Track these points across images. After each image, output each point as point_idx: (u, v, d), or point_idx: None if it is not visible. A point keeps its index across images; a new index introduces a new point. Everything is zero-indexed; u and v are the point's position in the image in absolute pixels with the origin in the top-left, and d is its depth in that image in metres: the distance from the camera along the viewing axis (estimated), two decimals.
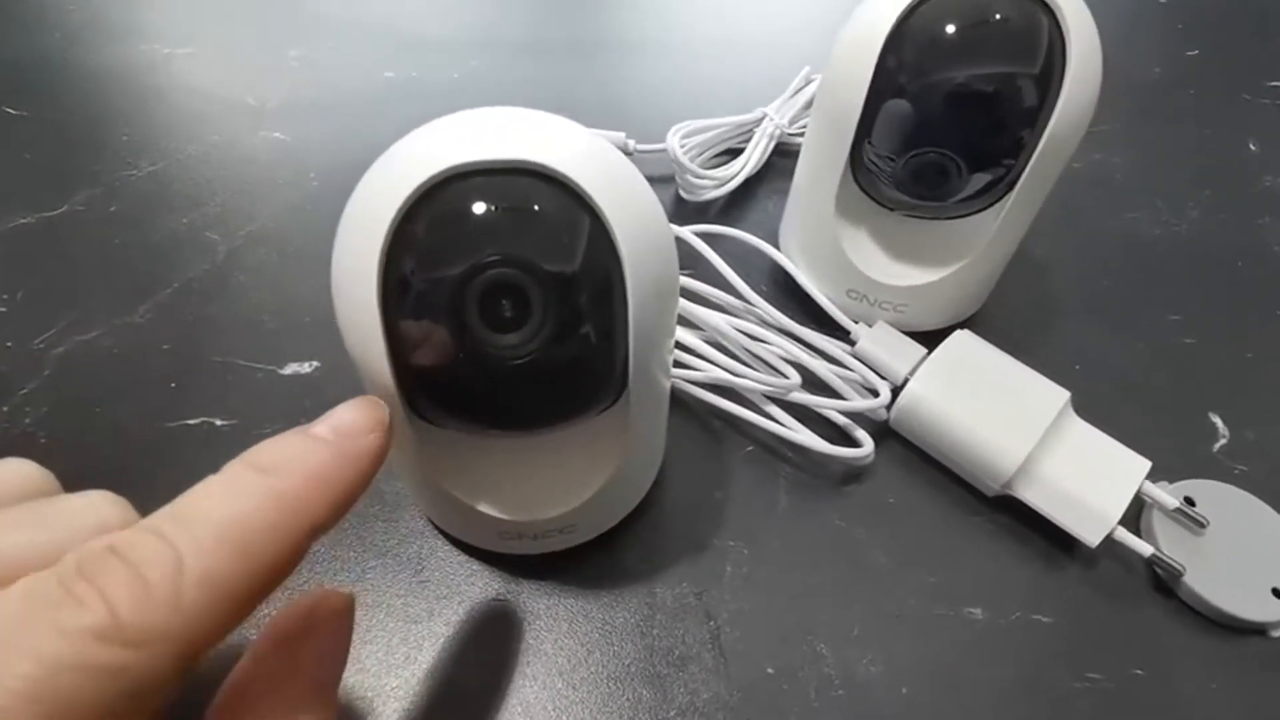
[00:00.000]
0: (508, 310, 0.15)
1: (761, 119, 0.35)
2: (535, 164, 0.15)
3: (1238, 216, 0.35)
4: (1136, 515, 0.25)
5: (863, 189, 0.26)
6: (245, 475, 0.13)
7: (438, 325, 0.15)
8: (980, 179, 0.23)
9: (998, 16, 0.21)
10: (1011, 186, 0.23)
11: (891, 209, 0.26)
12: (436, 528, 0.23)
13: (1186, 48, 0.44)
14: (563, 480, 0.20)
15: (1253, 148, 0.38)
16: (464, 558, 0.23)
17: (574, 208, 0.16)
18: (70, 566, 0.12)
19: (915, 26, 0.22)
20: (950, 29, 0.22)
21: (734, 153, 0.35)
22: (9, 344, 0.27)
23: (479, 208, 0.15)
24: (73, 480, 0.24)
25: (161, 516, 0.13)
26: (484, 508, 0.20)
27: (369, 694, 0.20)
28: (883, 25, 0.22)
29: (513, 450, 0.20)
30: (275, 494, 0.13)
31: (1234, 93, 0.42)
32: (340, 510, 0.14)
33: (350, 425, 0.15)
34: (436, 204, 0.15)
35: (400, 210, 0.15)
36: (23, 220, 0.31)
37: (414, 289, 0.15)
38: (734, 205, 0.34)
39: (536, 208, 0.16)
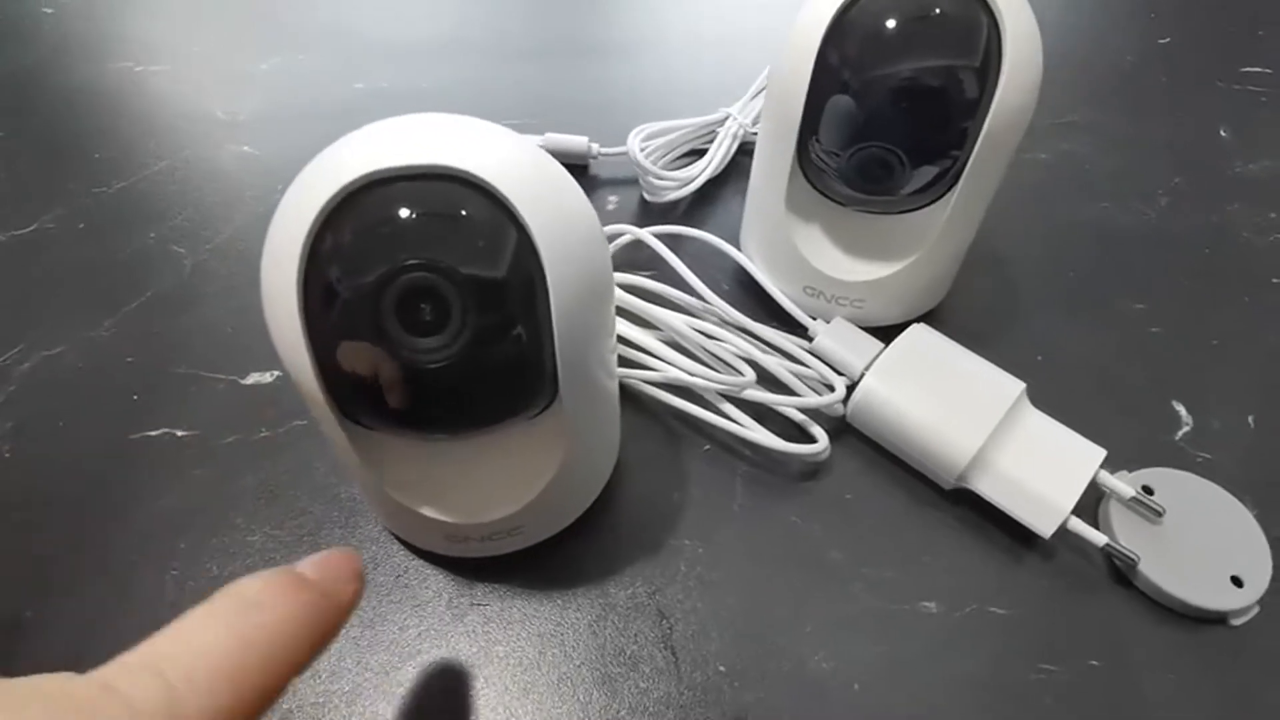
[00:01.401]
0: (426, 314, 0.15)
1: (725, 119, 0.35)
2: (453, 169, 0.15)
3: (1208, 204, 0.35)
4: (1095, 505, 0.24)
5: (813, 185, 0.26)
6: (236, 609, 0.13)
7: (358, 330, 0.16)
8: (925, 172, 0.23)
9: (933, 11, 0.21)
10: (957, 179, 0.23)
11: (843, 204, 0.26)
12: (390, 532, 0.23)
13: (1159, 35, 0.44)
14: (506, 483, 0.20)
15: (1224, 134, 0.38)
16: (418, 562, 0.23)
17: (492, 212, 0.16)
18: (67, 707, 0.12)
19: (851, 23, 0.22)
20: (886, 24, 0.22)
21: (698, 153, 0.35)
22: None
23: (395, 213, 0.15)
24: (37, 496, 0.24)
25: (151, 652, 0.13)
26: (428, 511, 0.20)
27: (319, 699, 0.21)
28: (820, 22, 0.22)
29: (453, 453, 0.20)
30: (265, 633, 0.13)
31: (1207, 79, 0.41)
32: (318, 650, 0.14)
33: (334, 570, 0.15)
34: (354, 210, 0.15)
35: (319, 217, 0.15)
36: None
37: (334, 294, 0.15)
38: (699, 205, 0.34)
39: (453, 212, 0.16)
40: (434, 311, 0.15)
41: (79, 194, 0.34)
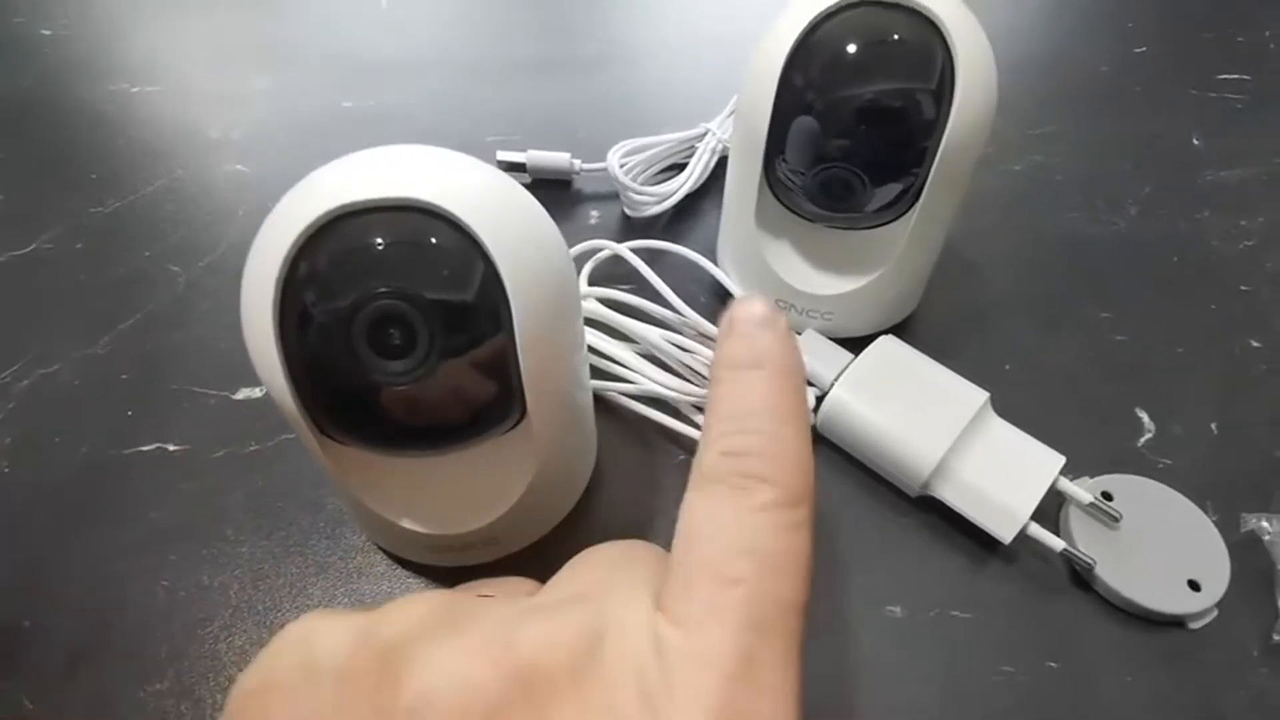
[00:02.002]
0: (395, 339, 0.16)
1: (704, 134, 0.36)
2: (419, 201, 0.16)
3: (1177, 212, 0.35)
4: (1056, 511, 0.25)
5: (781, 202, 0.27)
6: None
7: (331, 354, 0.16)
8: (887, 190, 0.24)
9: (890, 37, 0.22)
10: (917, 197, 0.24)
11: (811, 220, 0.27)
12: (375, 544, 0.24)
13: (1135, 45, 0.45)
14: (479, 495, 0.21)
15: (1196, 142, 0.39)
16: (401, 571, 0.24)
17: (456, 240, 0.17)
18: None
19: (815, 45, 0.23)
20: (845, 50, 0.22)
21: (681, 168, 0.36)
22: None
23: (364, 244, 0.16)
24: (34, 508, 0.25)
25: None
26: (405, 523, 0.21)
27: None
28: (783, 46, 0.23)
29: (429, 467, 0.21)
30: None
31: (1181, 87, 0.42)
32: None
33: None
34: (327, 240, 0.16)
35: (293, 247, 0.16)
36: None
37: (308, 319, 0.16)
38: (679, 220, 0.35)
39: (420, 242, 0.17)
40: (402, 336, 0.16)
41: (76, 214, 0.35)
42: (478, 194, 0.17)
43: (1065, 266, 0.33)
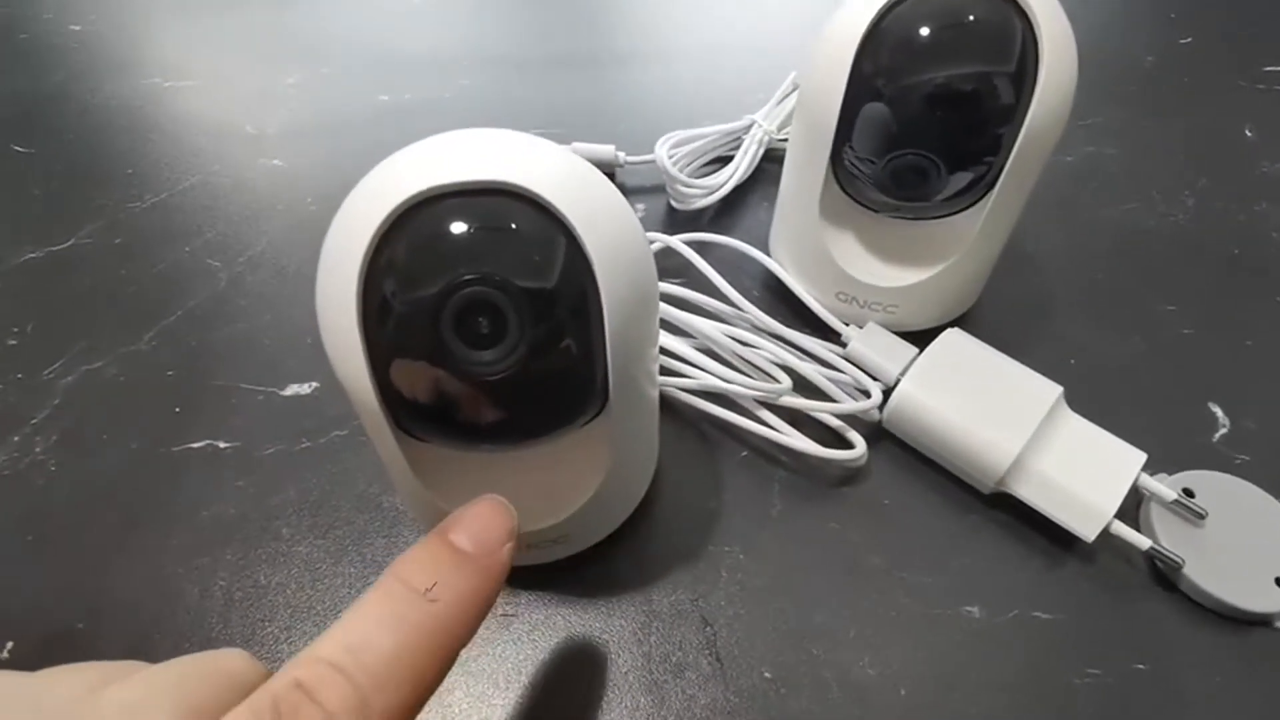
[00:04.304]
0: (484, 328, 0.16)
1: (750, 126, 0.35)
2: (506, 184, 0.16)
3: (1235, 204, 0.35)
4: (1135, 508, 0.24)
5: (846, 192, 0.26)
6: (406, 600, 0.14)
7: (416, 344, 0.16)
8: (961, 178, 0.23)
9: (968, 17, 0.22)
10: (992, 185, 0.23)
11: (876, 211, 0.26)
12: None
13: (1179, 36, 0.44)
14: (553, 491, 0.20)
15: (1249, 134, 0.38)
16: None
17: (546, 225, 0.16)
18: (266, 704, 0.12)
19: (889, 30, 0.22)
20: (923, 31, 0.22)
21: (724, 160, 0.35)
22: (19, 375, 0.28)
23: (451, 229, 0.16)
24: (84, 508, 0.25)
25: (337, 650, 0.13)
26: None
27: None
28: (857, 29, 0.22)
29: (502, 463, 0.20)
30: (438, 621, 0.14)
31: (1229, 79, 0.41)
32: (480, 624, 0.15)
33: (489, 538, 0.15)
34: (410, 227, 0.16)
35: (376, 234, 0.16)
36: (32, 255, 0.32)
37: (392, 310, 0.16)
38: (726, 212, 0.35)
39: (508, 227, 0.16)
40: (491, 324, 0.16)
41: (113, 210, 0.34)
42: (562, 176, 0.16)
43: (1125, 259, 0.32)
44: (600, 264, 0.16)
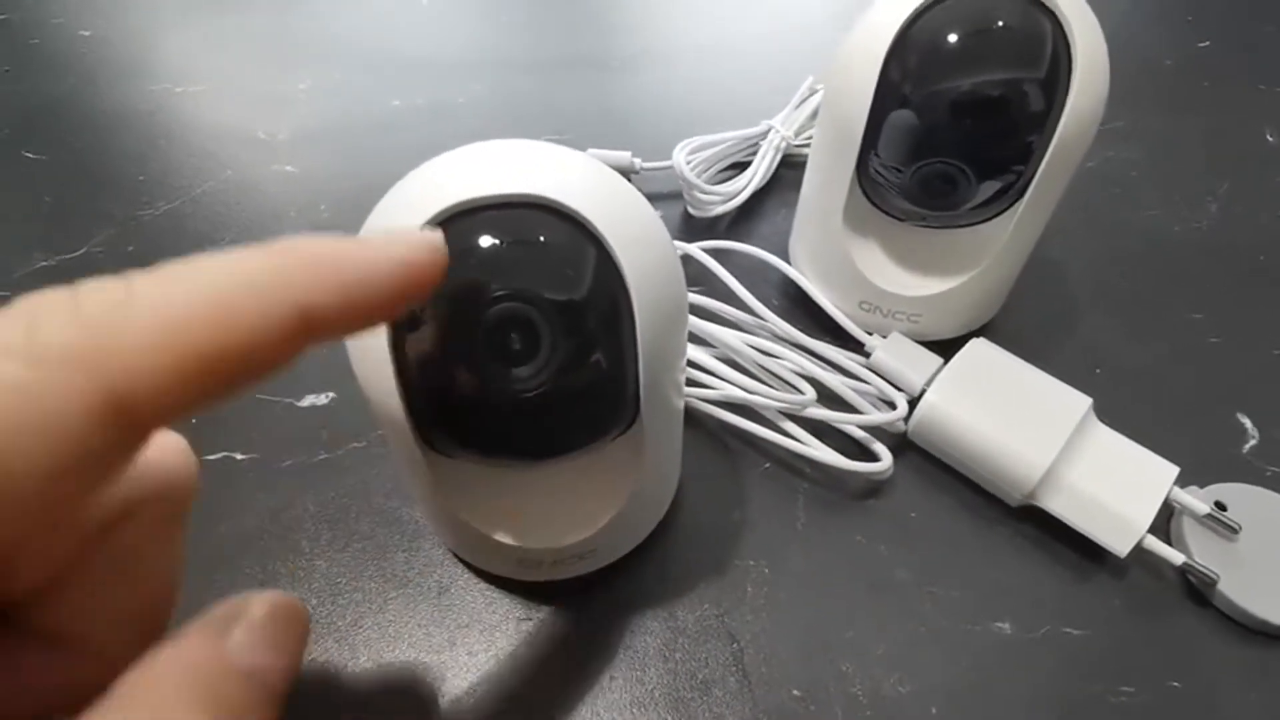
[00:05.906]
0: (517, 343, 0.15)
1: (767, 132, 0.35)
2: (537, 197, 0.15)
3: (1258, 209, 0.34)
4: (1166, 522, 0.24)
5: (871, 200, 0.26)
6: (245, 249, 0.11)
7: (447, 360, 0.15)
8: (990, 187, 0.23)
9: (1001, 23, 0.21)
10: (1022, 193, 0.23)
11: (901, 219, 0.26)
12: (456, 556, 0.23)
13: (1197, 39, 0.44)
14: (579, 506, 0.20)
15: (1270, 138, 0.38)
16: (484, 585, 0.23)
17: (577, 238, 0.16)
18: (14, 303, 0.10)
19: (918, 36, 0.22)
20: (953, 38, 0.21)
21: (741, 166, 0.35)
22: None
23: (483, 243, 0.15)
24: None
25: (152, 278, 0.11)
26: (501, 537, 0.20)
27: None
28: (885, 36, 0.22)
29: (528, 478, 0.20)
30: (271, 257, 0.11)
31: (1249, 83, 0.41)
32: (344, 305, 0.12)
33: (397, 236, 0.13)
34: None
35: None
36: (44, 263, 0.32)
37: (422, 325, 0.15)
38: (743, 219, 0.34)
39: (540, 240, 0.16)
40: (524, 340, 0.15)
41: (124, 217, 0.34)
42: (588, 186, 0.16)
43: (1149, 266, 0.32)
44: (633, 277, 0.16)
